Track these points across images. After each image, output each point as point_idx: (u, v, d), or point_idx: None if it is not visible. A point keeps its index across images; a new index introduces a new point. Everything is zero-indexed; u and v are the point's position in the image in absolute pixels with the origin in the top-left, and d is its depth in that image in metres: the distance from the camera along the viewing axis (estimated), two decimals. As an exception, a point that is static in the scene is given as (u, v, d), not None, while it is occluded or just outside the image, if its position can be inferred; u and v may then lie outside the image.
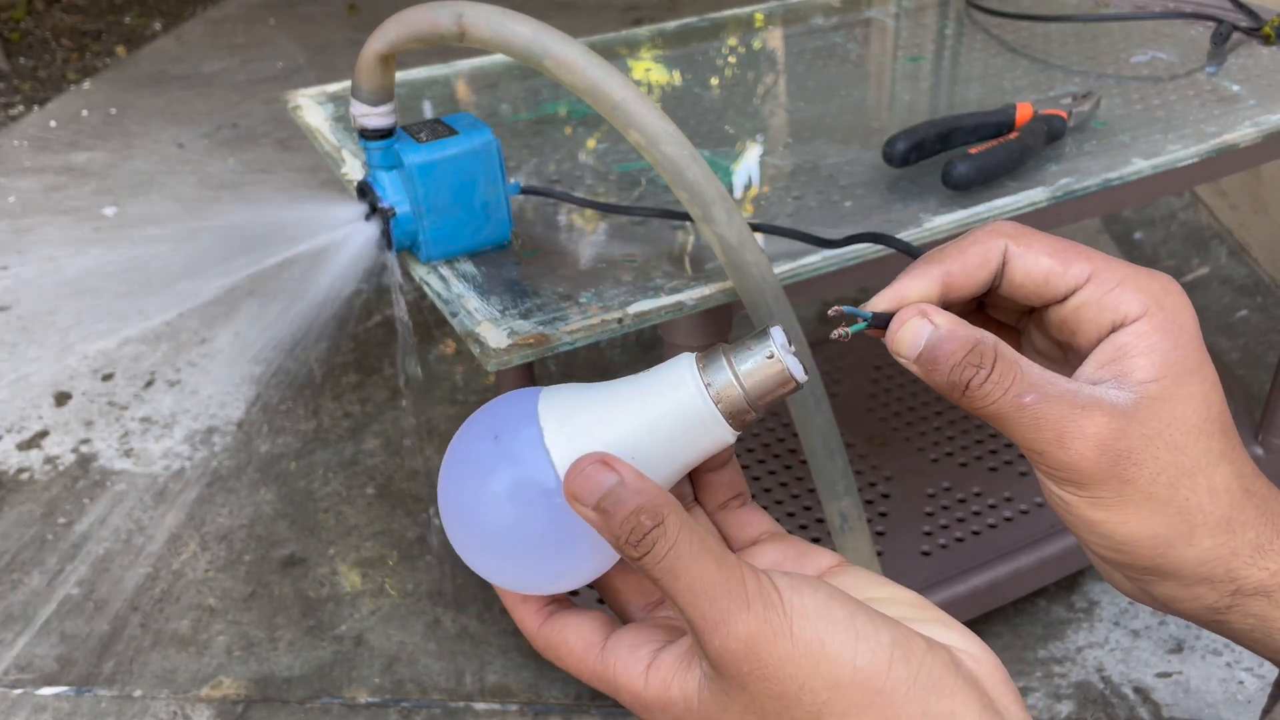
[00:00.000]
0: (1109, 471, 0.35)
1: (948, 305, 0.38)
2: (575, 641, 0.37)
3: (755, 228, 0.67)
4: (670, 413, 0.36)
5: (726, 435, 0.37)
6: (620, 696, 0.36)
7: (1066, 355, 0.40)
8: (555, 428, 0.36)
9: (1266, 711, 0.40)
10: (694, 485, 0.41)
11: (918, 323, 0.36)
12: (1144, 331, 0.36)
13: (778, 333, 0.36)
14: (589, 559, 0.37)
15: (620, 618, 0.40)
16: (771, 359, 0.36)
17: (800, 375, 0.37)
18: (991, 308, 0.42)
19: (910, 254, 0.45)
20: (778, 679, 0.32)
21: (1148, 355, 0.35)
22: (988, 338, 0.36)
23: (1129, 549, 0.36)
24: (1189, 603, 0.38)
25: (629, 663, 0.36)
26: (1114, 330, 0.36)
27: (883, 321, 0.37)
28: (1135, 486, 0.35)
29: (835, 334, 0.37)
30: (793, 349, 0.37)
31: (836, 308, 0.38)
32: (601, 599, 0.42)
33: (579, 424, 0.36)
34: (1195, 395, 0.36)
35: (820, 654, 0.32)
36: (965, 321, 0.37)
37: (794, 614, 0.32)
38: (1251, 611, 0.37)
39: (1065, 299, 0.37)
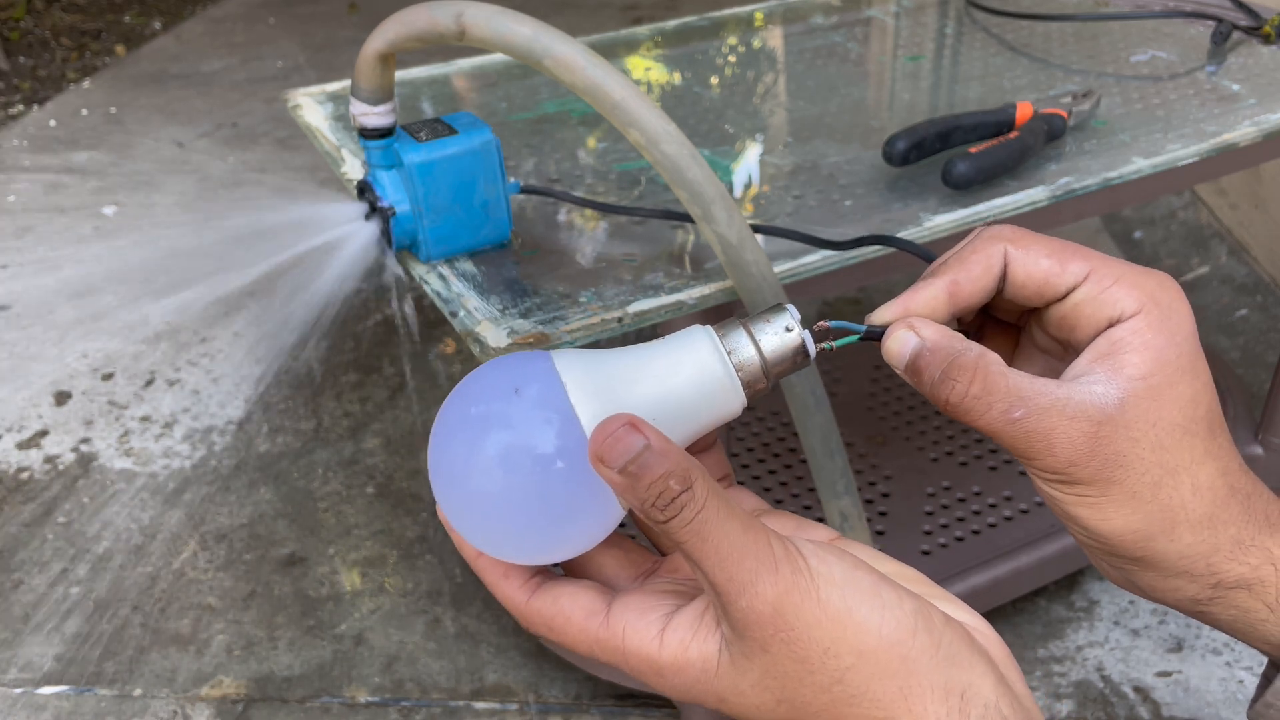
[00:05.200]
0: (1096, 474, 0.36)
1: (957, 315, 0.39)
2: (574, 610, 0.37)
3: (760, 229, 0.67)
4: (693, 379, 0.36)
5: (739, 404, 0.37)
6: (629, 661, 0.36)
7: (1066, 351, 0.40)
8: (577, 386, 0.35)
9: (1254, 701, 0.41)
10: None
11: (904, 334, 0.37)
12: (1139, 328, 0.36)
13: (793, 309, 0.38)
14: (595, 523, 0.36)
15: None
16: (790, 332, 0.37)
17: (812, 350, 0.38)
18: (994, 309, 0.42)
19: (922, 257, 0.46)
20: (802, 642, 0.33)
21: (1141, 351, 0.36)
22: (969, 352, 0.36)
23: (1110, 543, 0.37)
24: (1170, 594, 0.39)
25: (640, 627, 0.36)
26: (1111, 326, 0.37)
27: (877, 334, 0.39)
28: (1120, 487, 0.36)
29: (819, 346, 0.39)
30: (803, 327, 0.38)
31: (822, 323, 0.39)
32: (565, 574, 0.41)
33: (599, 383, 0.35)
34: (1184, 394, 0.36)
35: (847, 620, 0.33)
36: (955, 334, 0.37)
37: (820, 580, 0.33)
38: (1234, 604, 0.38)
39: (1065, 297, 0.38)
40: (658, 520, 0.33)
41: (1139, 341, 0.36)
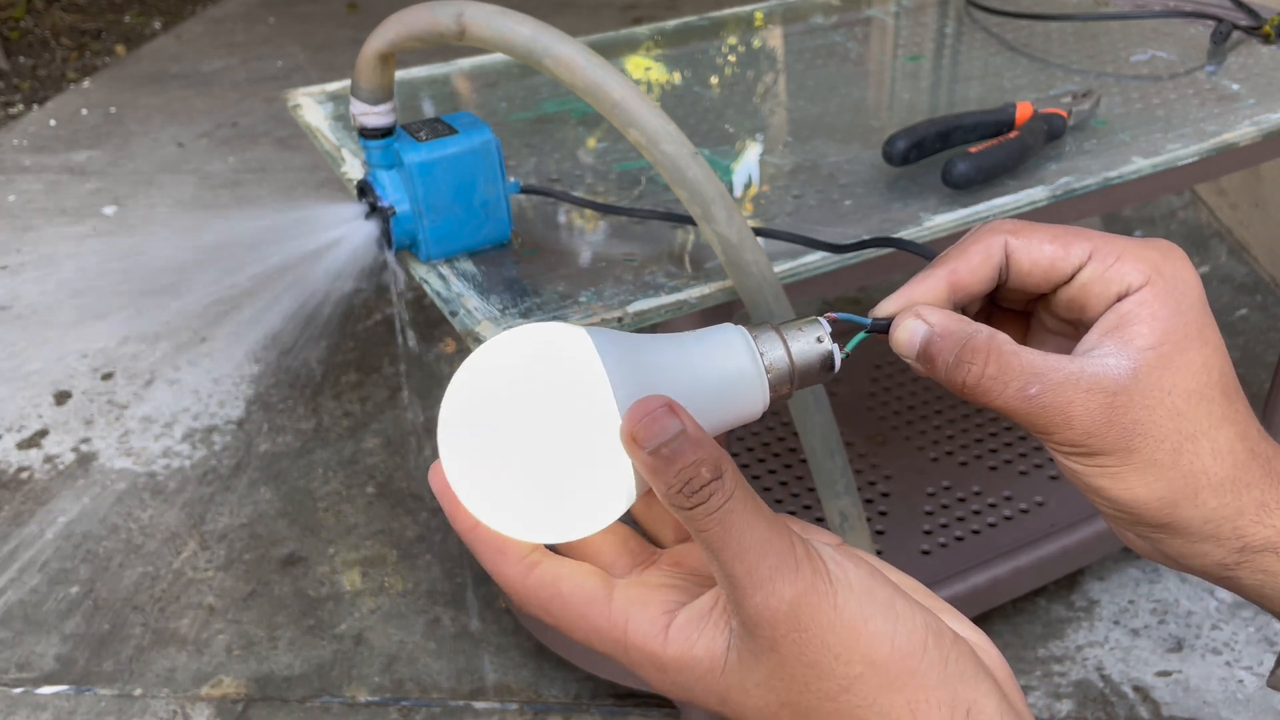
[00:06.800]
0: (1115, 444, 0.36)
1: (958, 305, 0.39)
2: (573, 593, 0.35)
3: (760, 232, 0.67)
4: (725, 374, 0.37)
5: (762, 406, 0.38)
6: (629, 654, 0.35)
7: (1077, 330, 0.41)
8: (614, 363, 0.34)
9: (1275, 669, 0.41)
10: None
11: (912, 323, 0.38)
12: (1146, 299, 0.37)
13: (824, 322, 0.39)
14: (611, 503, 0.35)
15: None
16: (821, 342, 0.38)
17: (838, 364, 0.39)
18: (1000, 299, 0.43)
19: (925, 256, 0.46)
20: (815, 646, 0.32)
21: (1149, 323, 0.36)
22: (980, 333, 0.37)
23: (1135, 511, 0.38)
24: (1197, 559, 0.39)
25: (643, 619, 0.35)
26: (1119, 300, 0.37)
27: (883, 326, 0.39)
28: (1140, 455, 0.36)
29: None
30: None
31: (831, 314, 0.39)
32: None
33: (634, 363, 0.35)
34: (1195, 361, 0.37)
35: (862, 628, 0.32)
36: (963, 318, 0.38)
37: (839, 585, 0.33)
38: (1261, 568, 0.38)
39: (1071, 279, 0.38)
40: (683, 506, 0.32)
41: (1146, 313, 0.36)
